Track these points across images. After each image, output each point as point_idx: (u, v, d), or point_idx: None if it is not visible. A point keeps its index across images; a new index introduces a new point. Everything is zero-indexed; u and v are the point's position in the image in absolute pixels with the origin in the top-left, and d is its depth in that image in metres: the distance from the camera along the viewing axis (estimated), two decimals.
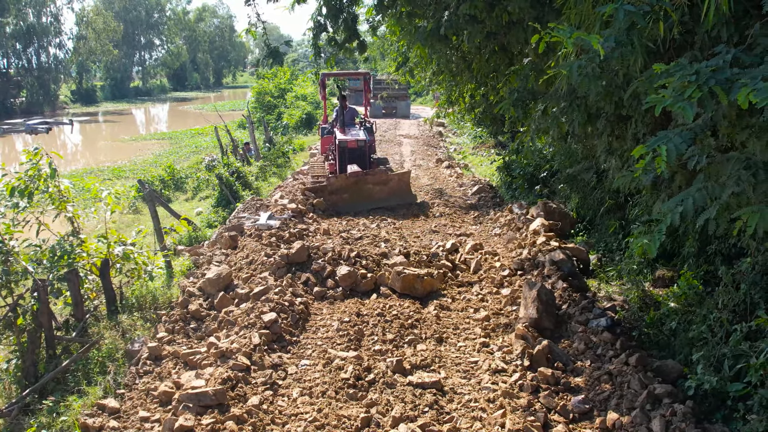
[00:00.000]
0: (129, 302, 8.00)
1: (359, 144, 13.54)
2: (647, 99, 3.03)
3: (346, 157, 13.39)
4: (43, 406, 5.94)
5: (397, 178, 12.95)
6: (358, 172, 12.67)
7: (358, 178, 12.52)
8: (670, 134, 3.09)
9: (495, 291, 7.98)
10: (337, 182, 12.47)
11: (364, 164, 13.37)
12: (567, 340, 6.72)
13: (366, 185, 12.48)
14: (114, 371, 6.51)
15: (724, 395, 5.54)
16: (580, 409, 5.50)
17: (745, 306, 6.22)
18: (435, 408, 5.45)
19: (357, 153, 13.44)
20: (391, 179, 12.82)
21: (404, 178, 13.10)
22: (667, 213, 3.15)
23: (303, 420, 5.43)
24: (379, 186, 12.58)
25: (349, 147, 13.44)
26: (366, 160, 13.62)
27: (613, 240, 9.64)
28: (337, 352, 6.44)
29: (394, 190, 12.75)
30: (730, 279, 6.53)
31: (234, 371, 5.96)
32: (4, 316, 6.54)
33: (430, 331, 6.91)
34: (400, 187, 12.88)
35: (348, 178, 12.52)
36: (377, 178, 12.69)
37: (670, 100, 2.89)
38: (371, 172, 12.85)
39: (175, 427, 5.16)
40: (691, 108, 2.82)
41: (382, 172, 12.98)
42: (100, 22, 67.45)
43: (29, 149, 7.72)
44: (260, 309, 7.09)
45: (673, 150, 3.01)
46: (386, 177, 12.81)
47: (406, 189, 13.04)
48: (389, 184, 12.74)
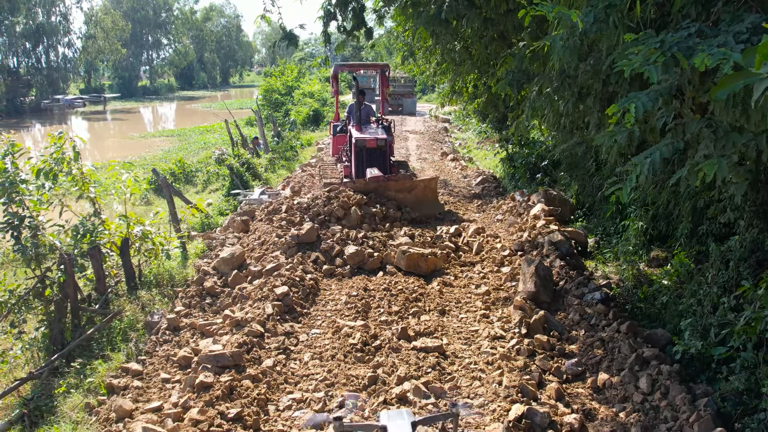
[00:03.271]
0: (147, 279, 8.42)
1: (379, 144, 11.68)
2: (617, 64, 3.40)
3: (364, 159, 11.63)
4: (70, 369, 6.35)
5: (422, 185, 11.13)
6: (379, 177, 10.83)
7: (379, 184, 10.72)
8: (639, 95, 3.47)
9: (496, 270, 8.35)
10: (355, 189, 10.53)
11: (384, 168, 11.64)
12: (563, 312, 7.09)
13: (387, 192, 10.72)
14: (136, 339, 6.93)
15: (709, 359, 5.89)
16: (573, 371, 5.88)
17: (732, 282, 6.56)
18: (437, 369, 5.84)
19: (376, 154, 11.68)
20: (416, 186, 11.04)
21: (431, 185, 11.24)
22: (638, 164, 3.51)
23: (314, 380, 5.82)
24: (402, 194, 10.80)
25: (368, 147, 11.62)
26: (386, 162, 11.90)
27: (610, 224, 9.99)
28: (345, 321, 6.83)
29: (420, 198, 10.95)
30: (720, 256, 6.89)
31: (249, 337, 6.36)
32: (33, 287, 6.96)
33: (433, 304, 7.29)
34: (426, 195, 11.08)
35: (368, 183, 10.71)
36: (401, 184, 10.90)
37: (637, 64, 3.27)
38: (393, 178, 11.08)
39: (195, 383, 5.56)
40: (656, 71, 3.20)
41: (406, 178, 11.24)
42: (109, 21, 68.14)
43: (54, 134, 8.12)
44: (272, 283, 7.49)
45: (641, 107, 3.38)
46: (411, 183, 11.03)
47: (433, 197, 11.28)
48: (414, 191, 10.95)
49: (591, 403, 5.41)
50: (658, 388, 5.29)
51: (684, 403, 5.01)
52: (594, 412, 5.28)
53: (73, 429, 5.38)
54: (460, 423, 5.09)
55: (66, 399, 5.95)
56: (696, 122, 3.47)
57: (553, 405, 5.23)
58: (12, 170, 6.96)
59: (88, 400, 5.83)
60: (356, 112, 12.53)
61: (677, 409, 5.00)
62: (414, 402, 5.19)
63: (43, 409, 5.88)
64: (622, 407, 5.26)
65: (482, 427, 5.02)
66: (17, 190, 6.96)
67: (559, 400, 5.34)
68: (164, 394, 5.80)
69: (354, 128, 12.29)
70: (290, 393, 5.65)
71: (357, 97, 12.78)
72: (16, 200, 6.98)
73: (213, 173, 19.02)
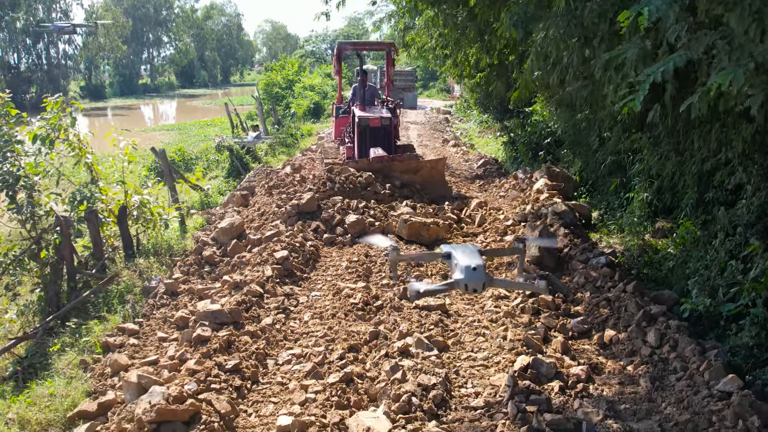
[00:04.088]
0: (145, 249, 8.30)
1: (384, 123, 11.16)
2: None
3: (367, 139, 11.14)
4: (66, 329, 6.24)
5: (429, 165, 10.67)
6: (383, 157, 10.43)
7: (383, 164, 10.26)
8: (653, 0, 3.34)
9: (499, 239, 8.23)
10: (358, 169, 10.03)
11: (389, 148, 11.13)
12: (567, 276, 6.97)
13: (392, 173, 10.25)
14: (132, 302, 6.80)
15: (717, 317, 5.77)
16: (578, 329, 5.75)
17: (740, 249, 6.45)
18: (440, 326, 5.71)
19: (380, 134, 11.13)
20: (423, 167, 10.59)
21: (438, 166, 10.78)
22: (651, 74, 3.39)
23: (314, 336, 5.70)
24: (408, 175, 10.34)
25: (372, 126, 11.10)
26: (391, 143, 11.38)
27: (614, 198, 9.87)
28: (346, 284, 6.71)
29: (426, 180, 10.44)
30: (727, 221, 6.77)
31: (248, 296, 6.24)
32: (29, 248, 6.84)
33: (435, 269, 7.16)
34: (433, 177, 10.56)
35: (371, 163, 10.25)
36: (406, 165, 10.47)
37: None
38: (398, 158, 10.68)
39: (192, 337, 5.44)
40: None
41: (411, 158, 10.89)
42: (109, 18, 68.05)
43: (51, 99, 8.00)
44: (272, 248, 7.37)
45: (654, 11, 3.26)
46: (417, 164, 10.62)
47: (440, 179, 10.76)
48: (420, 172, 10.47)
49: (597, 358, 5.29)
50: (667, 342, 5.16)
51: (694, 354, 4.89)
52: (601, 366, 5.15)
53: (67, 383, 5.26)
54: (464, 374, 4.97)
55: (60, 357, 5.84)
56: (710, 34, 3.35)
57: (559, 358, 5.10)
58: (6, 129, 6.83)
59: (83, 357, 5.71)
60: (359, 91, 12.09)
61: (687, 360, 4.87)
62: (417, 354, 5.06)
63: (37, 366, 5.77)
64: (630, 361, 5.14)
65: (487, 378, 4.89)
66: (12, 150, 6.84)
67: (565, 354, 5.22)
68: (161, 352, 5.69)
69: (357, 108, 11.89)
70: (290, 349, 5.53)
71: (360, 75, 12.38)
72: (11, 160, 6.86)
73: (213, 161, 18.92)
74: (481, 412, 4.46)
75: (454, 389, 4.76)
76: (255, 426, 4.51)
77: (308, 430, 4.15)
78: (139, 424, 4.21)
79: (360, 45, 16.25)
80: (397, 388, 4.53)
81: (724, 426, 4.05)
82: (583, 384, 4.76)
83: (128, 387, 4.77)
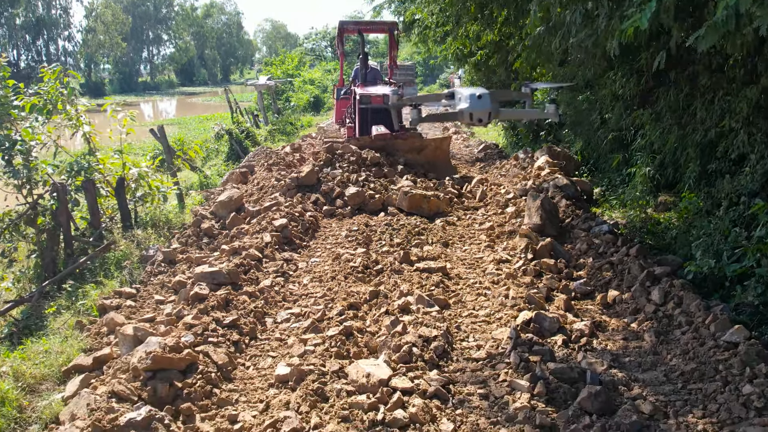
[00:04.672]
0: (143, 221, 8.22)
1: (386, 100, 10.56)
2: None
3: (369, 117, 10.80)
4: (62, 293, 6.16)
5: (434, 144, 10.37)
6: (385, 134, 10.09)
7: (386, 142, 9.90)
8: None
9: (500, 212, 8.15)
10: (359, 146, 9.70)
11: (391, 127, 10.51)
12: (569, 244, 6.89)
13: (394, 152, 9.88)
14: (130, 267, 6.72)
15: (722, 279, 5.69)
16: (581, 290, 5.67)
17: (744, 219, 6.38)
18: (441, 286, 5.63)
19: (383, 112, 10.72)
20: (427, 146, 10.27)
21: (443, 146, 10.49)
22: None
23: (313, 297, 5.63)
24: (411, 154, 9.99)
25: (373, 103, 10.75)
26: (393, 120, 11.63)
27: (616, 176, 9.80)
28: (346, 251, 6.63)
29: (430, 159, 10.12)
30: (731, 189, 6.70)
31: (246, 260, 6.16)
32: (25, 213, 6.76)
33: (436, 238, 7.09)
34: (438, 157, 10.24)
35: (373, 141, 9.92)
36: (410, 143, 10.09)
37: None
38: (402, 136, 10.23)
39: (189, 295, 5.36)
40: None
41: (415, 136, 10.47)
42: (109, 14, 68.00)
43: (48, 69, 7.93)
44: (271, 216, 7.29)
45: None
46: (421, 143, 10.27)
47: (445, 159, 10.46)
48: (424, 152, 10.13)
49: (601, 317, 5.21)
50: (671, 299, 5.09)
51: (699, 309, 4.81)
52: (604, 324, 5.07)
53: (62, 342, 5.18)
54: (466, 329, 4.90)
55: (56, 319, 5.76)
56: None
57: (562, 315, 5.03)
58: (2, 93, 6.75)
59: (79, 319, 5.63)
60: (361, 71, 11.65)
61: (692, 315, 4.80)
62: (418, 309, 4.99)
63: (32, 327, 5.69)
64: (634, 318, 5.06)
65: (489, 332, 4.82)
66: (9, 113, 6.76)
67: (568, 311, 5.14)
68: (158, 312, 5.60)
69: (359, 87, 11.52)
70: (288, 309, 5.46)
71: (362, 53, 11.94)
72: (7, 124, 6.78)
73: (213, 150, 18.84)
74: (483, 362, 4.39)
75: (456, 342, 4.69)
76: (253, 378, 4.43)
77: (307, 377, 4.07)
78: (134, 373, 4.13)
79: (363, 24, 15.50)
80: (398, 339, 4.45)
81: (731, 374, 3.97)
82: (587, 338, 4.69)
83: (124, 340, 4.69)
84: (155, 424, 3.65)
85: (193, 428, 3.81)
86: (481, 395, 3.99)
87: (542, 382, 3.96)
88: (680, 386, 4.07)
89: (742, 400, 3.70)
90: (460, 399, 3.94)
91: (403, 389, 3.84)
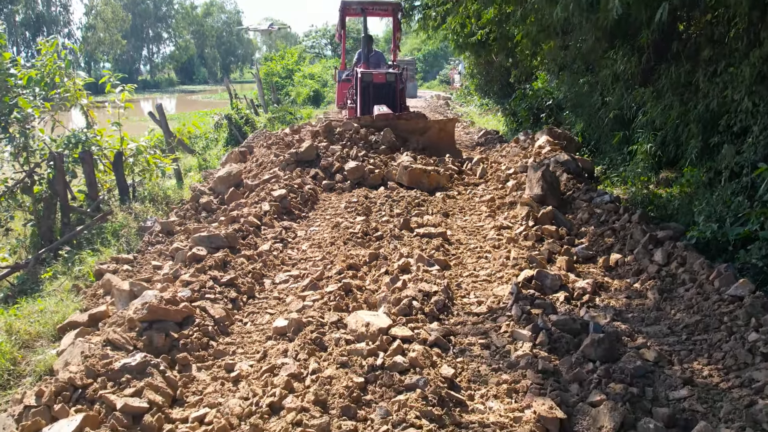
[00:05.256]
0: (141, 195, 8.16)
1: (388, 79, 10.38)
2: None
3: (371, 95, 10.39)
4: (59, 259, 6.09)
5: (438, 126, 9.83)
6: (387, 114, 9.62)
7: (388, 122, 9.41)
8: None
9: (501, 187, 8.09)
10: (360, 126, 9.32)
11: (393, 106, 10.35)
12: (570, 215, 6.82)
13: (397, 133, 9.40)
14: (127, 236, 6.65)
15: (725, 244, 5.63)
16: (583, 254, 5.60)
17: (746, 191, 6.32)
18: (441, 250, 5.57)
19: (385, 90, 10.38)
20: (431, 127, 9.76)
21: (448, 128, 9.96)
22: None
23: (312, 260, 5.56)
24: (415, 135, 9.56)
25: (375, 82, 10.36)
26: (396, 100, 10.54)
27: (617, 154, 9.75)
28: (345, 219, 6.56)
29: (434, 142, 9.60)
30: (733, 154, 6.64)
31: (245, 226, 6.09)
32: (21, 181, 6.70)
33: (436, 209, 7.02)
34: (442, 140, 9.73)
35: (375, 120, 9.51)
36: (413, 124, 9.60)
37: None
38: (405, 116, 9.81)
39: (187, 256, 5.29)
40: None
41: (419, 117, 10.01)
42: (109, 12, 67.97)
43: (45, 42, 7.87)
44: (270, 187, 7.23)
45: None
46: (425, 124, 9.76)
47: (450, 142, 9.90)
48: (428, 133, 9.64)
49: (603, 278, 5.14)
50: (675, 259, 5.03)
51: (702, 267, 4.75)
52: (607, 285, 5.01)
53: (57, 303, 5.11)
54: (467, 288, 4.83)
55: (52, 283, 5.69)
56: None
57: (564, 274, 4.96)
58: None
59: (75, 283, 5.57)
60: (363, 51, 11.20)
61: (695, 273, 4.73)
62: (418, 268, 4.92)
63: (28, 292, 5.62)
64: (636, 279, 5.00)
65: (490, 290, 4.75)
66: (5, 80, 6.69)
67: (570, 271, 5.08)
68: (155, 275, 5.53)
69: (362, 67, 11.13)
70: (287, 272, 5.39)
71: (365, 44, 11.60)
72: (3, 91, 6.72)
73: (212, 139, 18.78)
74: (484, 316, 4.33)
75: (456, 299, 4.63)
76: (251, 332, 4.37)
77: (305, 328, 4.00)
78: (130, 324, 4.07)
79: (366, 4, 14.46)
80: (398, 294, 4.39)
81: (736, 324, 3.91)
82: (589, 296, 4.63)
83: (120, 295, 4.63)
84: (150, 369, 3.59)
85: (189, 376, 3.75)
86: (482, 345, 3.93)
87: (544, 332, 3.90)
88: (684, 337, 4.01)
89: (747, 346, 3.64)
90: (461, 348, 3.88)
91: (402, 337, 3.77)
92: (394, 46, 13.99)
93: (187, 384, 3.69)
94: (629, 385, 3.33)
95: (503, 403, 3.28)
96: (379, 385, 3.33)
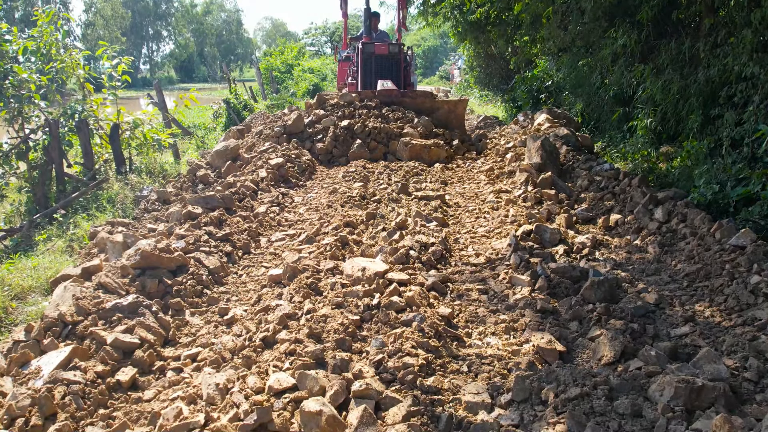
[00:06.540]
0: (137, 168, 8.10)
1: (391, 50, 9.42)
2: None
3: (373, 69, 9.49)
4: (53, 224, 6.03)
5: (447, 107, 8.94)
6: (391, 90, 8.69)
7: (392, 99, 8.61)
8: None
9: (500, 159, 8.02)
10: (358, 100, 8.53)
11: (398, 82, 9.43)
12: (570, 183, 6.76)
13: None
14: (123, 203, 6.59)
15: (726, 206, 5.57)
16: (583, 216, 5.54)
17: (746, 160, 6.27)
18: (440, 211, 5.51)
19: (388, 64, 9.49)
20: (440, 108, 8.89)
21: (458, 109, 9.05)
22: None
23: (309, 221, 5.50)
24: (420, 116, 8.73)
25: (377, 54, 9.44)
26: (400, 75, 9.65)
27: (617, 132, 9.70)
28: (343, 186, 6.50)
29: (443, 124, 8.78)
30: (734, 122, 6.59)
31: (241, 189, 6.03)
32: (16, 146, 6.63)
33: (435, 178, 6.96)
34: (451, 121, 8.88)
35: (377, 95, 8.65)
36: (420, 102, 8.75)
37: None
38: (410, 94, 8.94)
39: (182, 214, 5.23)
40: None
41: (426, 96, 9.14)
42: (108, 9, 67.89)
43: (41, 12, 7.80)
44: (267, 156, 7.17)
45: None
46: (432, 104, 8.89)
47: (459, 125, 9.08)
48: (436, 114, 8.80)
49: (603, 237, 5.08)
50: (675, 216, 4.97)
51: (704, 222, 4.69)
52: (607, 242, 4.95)
53: (50, 261, 5.05)
54: (465, 243, 4.76)
55: (47, 244, 5.63)
56: None
57: (564, 231, 4.90)
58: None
59: (70, 244, 5.51)
60: (365, 21, 10.28)
61: (696, 228, 4.67)
62: (415, 223, 4.86)
63: (22, 254, 5.56)
64: (637, 236, 4.93)
65: (488, 244, 4.69)
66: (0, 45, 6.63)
67: (569, 228, 5.02)
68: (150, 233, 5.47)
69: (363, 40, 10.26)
70: (284, 231, 5.33)
71: (368, 21, 10.64)
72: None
73: (211, 128, 18.71)
74: (482, 266, 4.27)
75: (455, 252, 4.57)
76: (246, 282, 4.31)
77: (301, 275, 3.95)
78: (123, 271, 4.01)
79: None
80: (395, 245, 4.33)
81: (738, 271, 3.85)
82: (589, 249, 4.57)
83: (113, 247, 4.57)
84: (143, 309, 3.53)
85: (182, 320, 3.69)
86: (480, 290, 3.87)
87: (543, 277, 3.84)
88: (686, 284, 3.95)
89: (750, 288, 3.58)
90: (459, 294, 3.82)
91: (399, 281, 3.71)
92: (399, 24, 12.43)
93: (180, 327, 3.63)
94: (630, 321, 3.27)
95: (501, 339, 3.22)
96: (375, 322, 3.27)
